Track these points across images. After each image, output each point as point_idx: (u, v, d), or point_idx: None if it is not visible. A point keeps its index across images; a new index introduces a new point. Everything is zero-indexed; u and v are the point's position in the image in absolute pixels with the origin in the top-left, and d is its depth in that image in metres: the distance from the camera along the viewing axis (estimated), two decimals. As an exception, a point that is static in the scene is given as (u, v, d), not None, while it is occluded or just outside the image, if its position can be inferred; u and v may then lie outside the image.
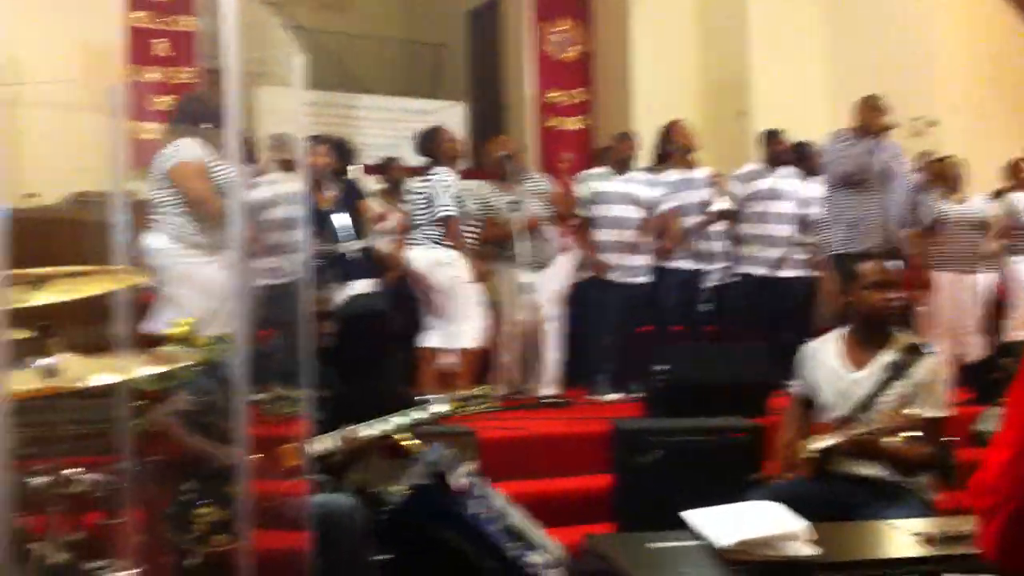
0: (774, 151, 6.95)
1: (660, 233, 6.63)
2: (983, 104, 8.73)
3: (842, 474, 3.61)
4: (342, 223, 5.97)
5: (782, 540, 2.58)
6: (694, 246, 6.74)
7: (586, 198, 6.61)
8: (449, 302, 5.98)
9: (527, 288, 6.16)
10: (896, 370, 3.63)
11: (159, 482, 3.20)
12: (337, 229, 5.94)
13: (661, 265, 6.70)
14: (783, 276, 6.82)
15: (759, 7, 9.42)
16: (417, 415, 3.61)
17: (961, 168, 6.72)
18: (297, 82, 3.10)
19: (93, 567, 2.63)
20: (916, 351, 3.67)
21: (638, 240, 6.55)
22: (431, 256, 6.00)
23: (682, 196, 6.73)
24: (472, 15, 11.49)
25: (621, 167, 6.67)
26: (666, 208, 6.61)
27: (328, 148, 6.09)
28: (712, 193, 6.86)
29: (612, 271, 6.50)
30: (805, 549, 2.56)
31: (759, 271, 6.82)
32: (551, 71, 9.87)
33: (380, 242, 6.61)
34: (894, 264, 3.80)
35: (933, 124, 6.58)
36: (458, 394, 3.79)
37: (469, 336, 5.96)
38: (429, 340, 6.05)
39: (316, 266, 5.60)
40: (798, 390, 3.90)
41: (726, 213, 6.85)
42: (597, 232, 6.55)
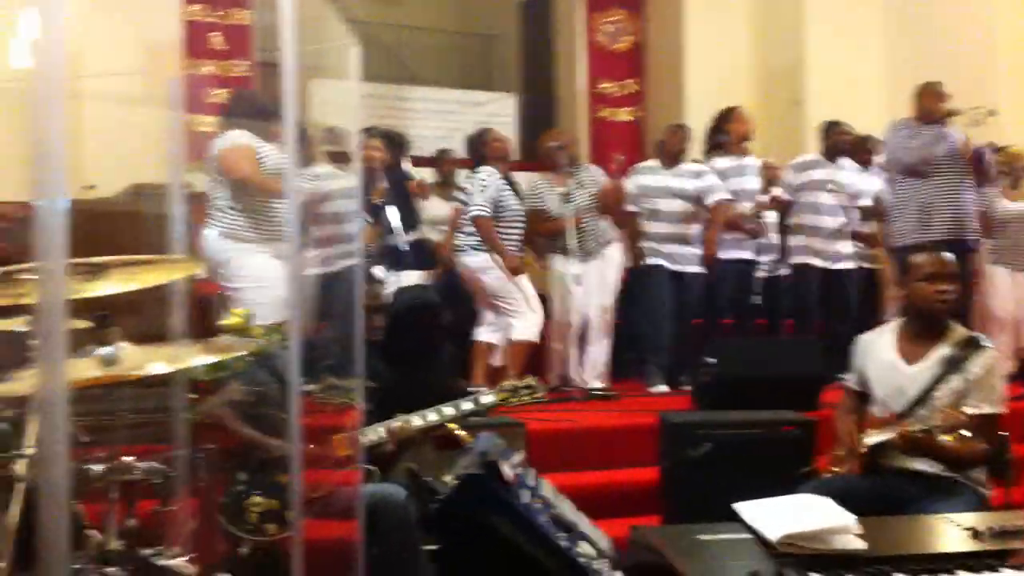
0: (833, 142, 6.86)
1: (710, 225, 6.59)
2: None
3: (895, 469, 3.58)
4: (394, 216, 6.01)
5: (831, 534, 2.56)
6: (750, 229, 6.70)
7: (634, 192, 6.59)
8: (501, 300, 6.01)
9: (577, 280, 6.16)
10: (952, 364, 3.59)
11: (213, 471, 3.25)
12: (389, 222, 5.99)
13: (715, 256, 6.67)
14: (836, 268, 6.75)
15: (815, -6, 9.31)
16: (466, 406, 3.64)
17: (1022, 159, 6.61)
18: (352, 75, 3.12)
19: (148, 553, 2.68)
20: (972, 345, 3.62)
21: (688, 232, 6.52)
22: (481, 257, 6.04)
23: (732, 183, 6.69)
24: (524, 6, 11.48)
25: (672, 160, 6.63)
26: (716, 200, 6.56)
27: (382, 142, 6.13)
28: (764, 182, 6.81)
29: (662, 263, 6.48)
30: (855, 543, 2.55)
31: (812, 262, 6.75)
32: (602, 62, 9.84)
33: (431, 233, 6.66)
34: (950, 256, 3.75)
35: (993, 114, 6.47)
36: (506, 385, 3.80)
37: (522, 330, 5.98)
38: (483, 334, 6.09)
39: (368, 258, 5.67)
40: (851, 384, 3.86)
41: (779, 202, 6.80)
42: (647, 225, 6.53)
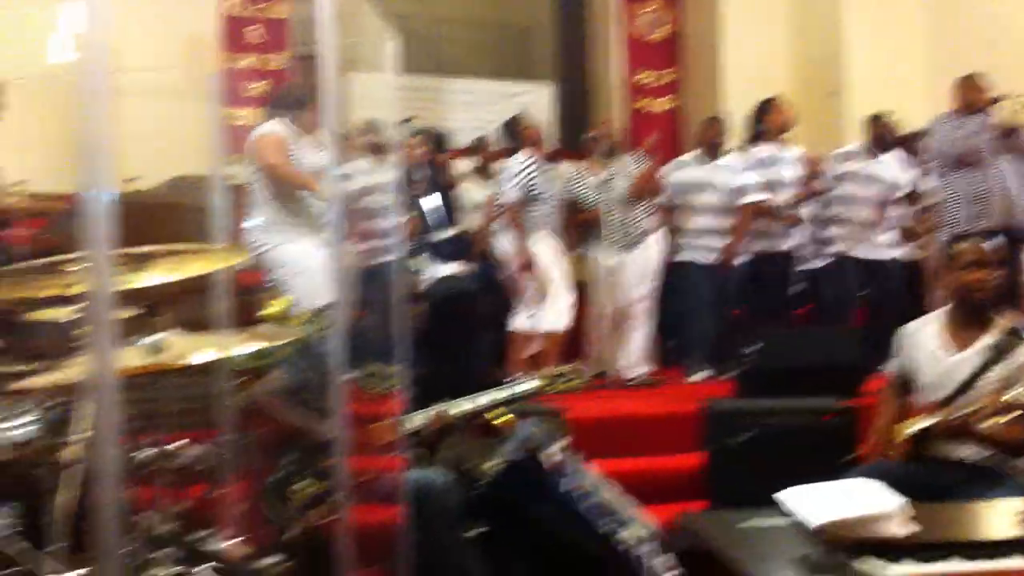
0: (877, 134, 6.80)
1: (737, 226, 6.57)
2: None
3: (939, 457, 3.55)
4: (432, 208, 6.04)
5: (878, 519, 2.55)
6: (786, 218, 6.66)
7: (674, 185, 6.57)
8: (536, 283, 6.01)
9: (616, 269, 6.15)
10: (997, 353, 3.55)
11: (259, 456, 3.28)
12: (427, 214, 6.02)
13: (755, 247, 6.64)
14: (875, 259, 6.70)
15: (853, -18, 9.22)
16: (507, 393, 3.64)
17: None
18: (389, 67, 3.14)
19: (196, 537, 2.71)
20: (1017, 334, 3.59)
21: (728, 225, 6.49)
22: (507, 244, 6.03)
23: (771, 172, 6.65)
24: (559, -4, 11.45)
25: (710, 152, 6.60)
26: (747, 201, 6.52)
27: (422, 138, 6.17)
28: (803, 173, 6.76)
29: (698, 259, 6.46)
30: (901, 528, 2.53)
31: (850, 253, 6.70)
32: (639, 52, 9.79)
33: (470, 221, 6.66)
34: (993, 243, 3.72)
35: (1035, 101, 6.40)
36: (548, 371, 3.81)
37: (554, 319, 5.98)
38: (518, 323, 6.09)
39: (408, 251, 5.69)
40: (896, 372, 3.84)
41: (819, 193, 6.75)
42: (686, 219, 6.51)
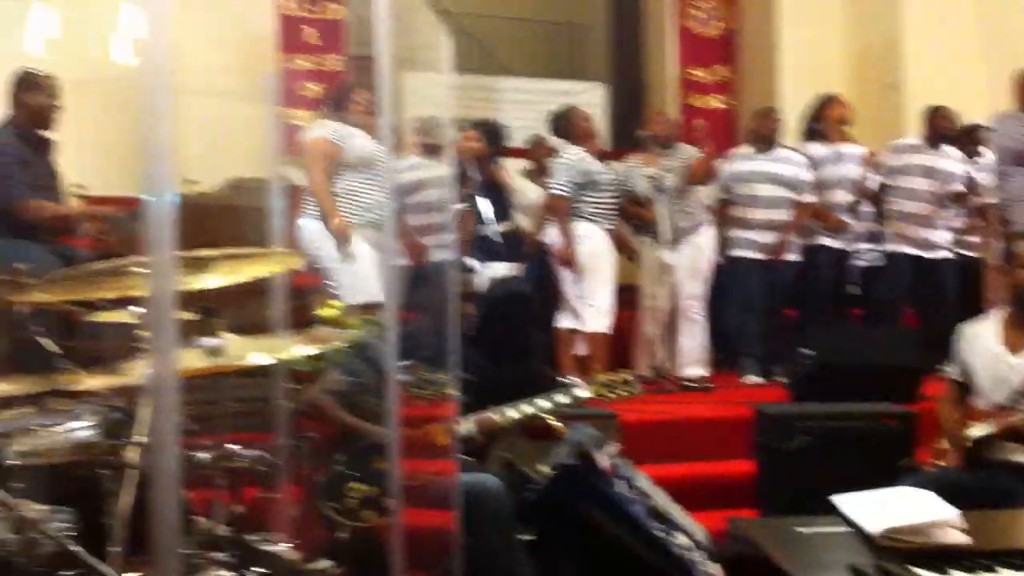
0: (936, 127, 6.69)
1: (807, 218, 6.51)
2: None
3: (999, 462, 3.50)
4: (486, 206, 6.05)
5: (934, 527, 2.52)
6: (833, 223, 6.59)
7: (728, 179, 6.53)
8: (584, 279, 5.99)
9: (668, 268, 6.13)
10: (1058, 355, 3.50)
11: (313, 458, 3.31)
12: (481, 212, 6.03)
13: (809, 245, 6.58)
14: (930, 257, 6.60)
15: (912, -25, 9.08)
16: (561, 399, 3.64)
17: None
18: (444, 66, 3.15)
19: (253, 539, 2.74)
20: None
21: (785, 219, 6.43)
22: (579, 227, 6.02)
23: (827, 172, 6.59)
24: (614, -6, 11.43)
25: (765, 145, 6.55)
26: (810, 199, 6.47)
27: (479, 132, 6.18)
28: (865, 171, 6.68)
29: (751, 255, 6.41)
30: (958, 537, 2.50)
31: (904, 250, 6.61)
32: (693, 49, 9.73)
33: (522, 220, 6.67)
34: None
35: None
36: (601, 379, 3.80)
37: (593, 322, 5.96)
38: (565, 321, 6.08)
39: (461, 249, 5.71)
40: (953, 375, 3.79)
41: (872, 197, 6.67)
42: (742, 212, 6.46)
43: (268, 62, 7.65)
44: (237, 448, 2.85)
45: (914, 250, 6.59)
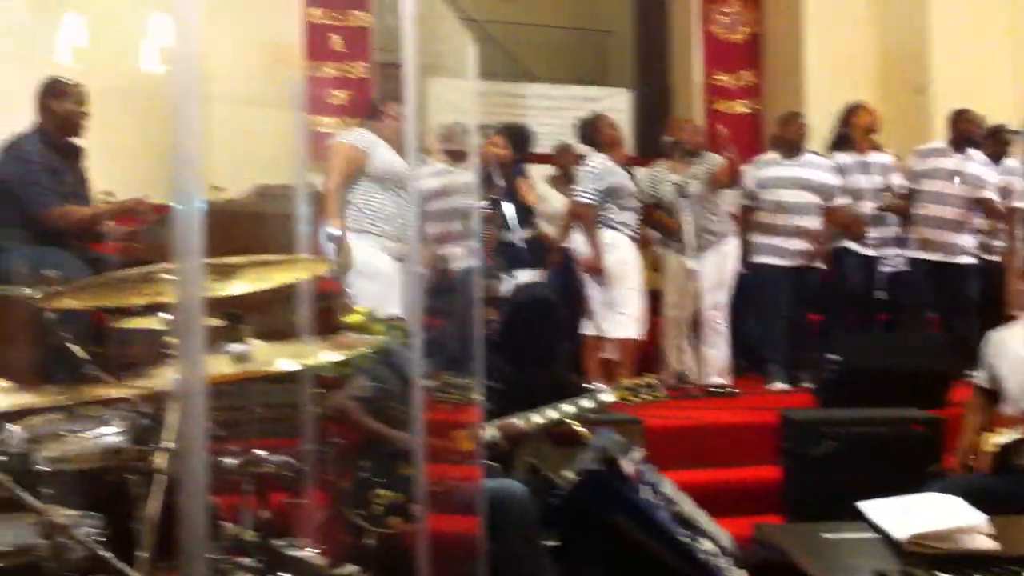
0: (962, 131, 6.64)
1: (834, 224, 6.48)
2: None
3: (1027, 468, 3.47)
4: (510, 212, 6.05)
5: (961, 533, 2.51)
6: (853, 232, 6.57)
7: (755, 182, 6.50)
8: (610, 287, 5.99)
9: (692, 275, 6.11)
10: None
11: (339, 464, 3.33)
12: (505, 218, 6.03)
13: (834, 250, 6.55)
14: (954, 262, 6.54)
15: (938, -23, 9.03)
16: (585, 404, 3.64)
17: None
18: (469, 73, 3.16)
19: (280, 544, 2.76)
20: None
21: (813, 226, 6.41)
22: (605, 234, 6.01)
23: (854, 181, 6.55)
24: (638, 0, 11.41)
25: (791, 151, 6.52)
26: (839, 202, 6.45)
27: (505, 138, 6.19)
28: (892, 178, 6.65)
29: (777, 261, 6.39)
30: (985, 543, 2.49)
31: (925, 256, 6.56)
32: (718, 54, 9.72)
33: (549, 227, 6.67)
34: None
35: None
36: (626, 383, 3.80)
37: (627, 325, 5.95)
38: (591, 328, 6.08)
39: (485, 255, 5.72)
40: (981, 381, 3.76)
41: (897, 210, 6.64)
42: (769, 219, 6.44)
43: (294, 69, 7.69)
44: (264, 454, 2.86)
45: (939, 255, 6.54)
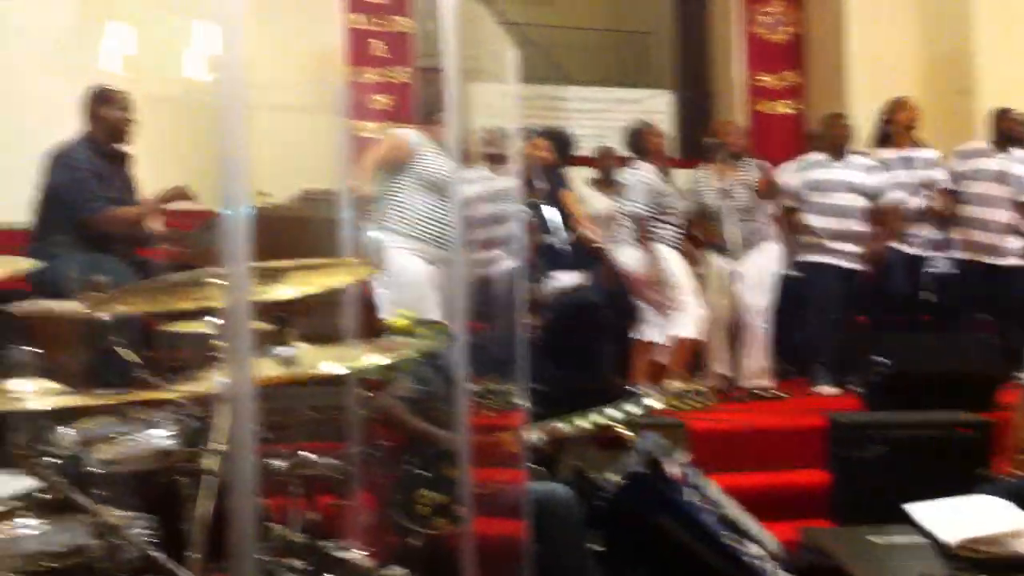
0: (1004, 130, 6.55)
1: (880, 223, 6.42)
2: None
3: (1079, 472, 3.42)
4: (551, 216, 6.05)
5: (1010, 537, 2.47)
6: (916, 229, 6.50)
7: (800, 186, 6.45)
8: (660, 296, 5.97)
9: (735, 277, 6.08)
10: None
11: (385, 466, 3.35)
12: (547, 221, 6.03)
13: (881, 257, 6.49)
14: (1005, 264, 6.44)
15: (983, -24, 8.92)
16: (631, 409, 3.64)
17: None
18: (509, 77, 3.17)
19: (326, 546, 2.78)
20: None
21: (861, 228, 6.35)
22: (635, 255, 6.02)
23: (900, 176, 6.49)
24: (679, 1, 11.38)
25: (837, 152, 6.46)
26: (889, 199, 6.38)
27: (549, 142, 6.19)
28: (935, 173, 6.58)
29: (831, 261, 6.33)
30: (1037, 548, 2.45)
31: (973, 257, 6.48)
32: (761, 54, 9.66)
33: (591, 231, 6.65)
34: None
35: None
36: (673, 389, 3.79)
37: (685, 327, 5.94)
38: (645, 333, 6.06)
39: (528, 259, 5.73)
40: (1029, 383, 3.71)
41: (946, 192, 6.57)
42: (815, 221, 6.38)
43: (337, 75, 7.74)
44: (311, 456, 2.89)
45: (985, 257, 6.46)
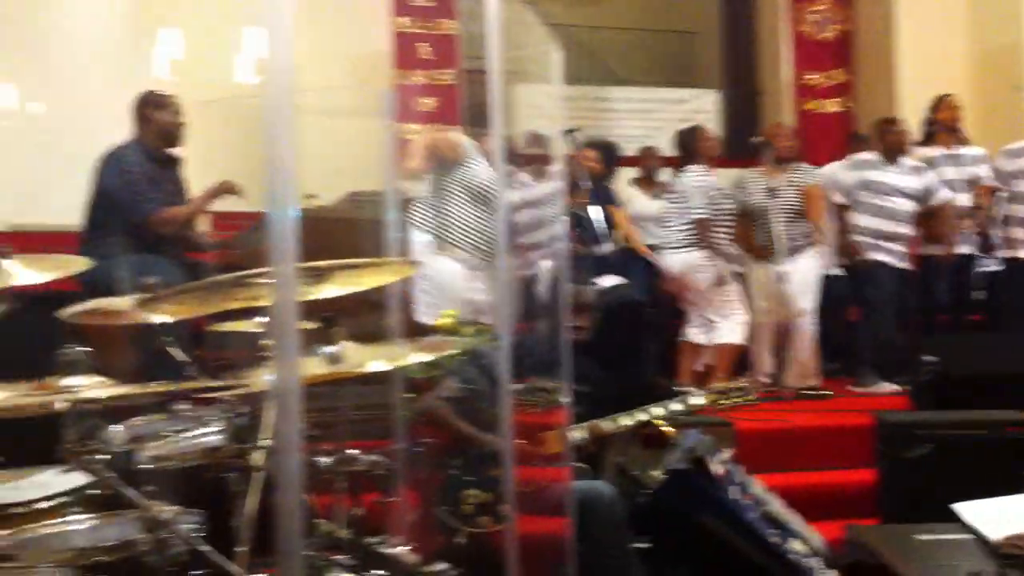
0: None
1: (929, 225, 6.36)
2: None
3: None
4: (596, 217, 6.07)
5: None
6: (969, 227, 6.42)
7: (851, 184, 6.39)
8: (707, 301, 5.97)
9: (782, 278, 6.05)
10: None
11: (430, 464, 3.38)
12: (591, 223, 6.05)
13: (929, 252, 6.42)
14: None
15: (1036, -29, 8.79)
16: (675, 406, 3.64)
17: None
18: (554, 78, 3.18)
19: (373, 542, 2.80)
20: None
21: (908, 232, 6.29)
22: (686, 260, 6.01)
23: (948, 173, 6.42)
24: (725, 0, 11.33)
25: (891, 155, 6.39)
26: (940, 198, 6.32)
27: (599, 152, 6.21)
28: (980, 169, 6.51)
29: (886, 259, 6.28)
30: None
31: (1021, 255, 6.39)
32: (808, 52, 9.59)
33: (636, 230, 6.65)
34: None
35: None
36: (717, 387, 3.78)
37: (729, 332, 5.92)
38: (690, 335, 6.06)
39: (571, 262, 5.74)
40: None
41: (991, 189, 6.49)
42: (863, 219, 6.32)
43: (383, 78, 7.81)
44: (357, 453, 2.92)
45: None
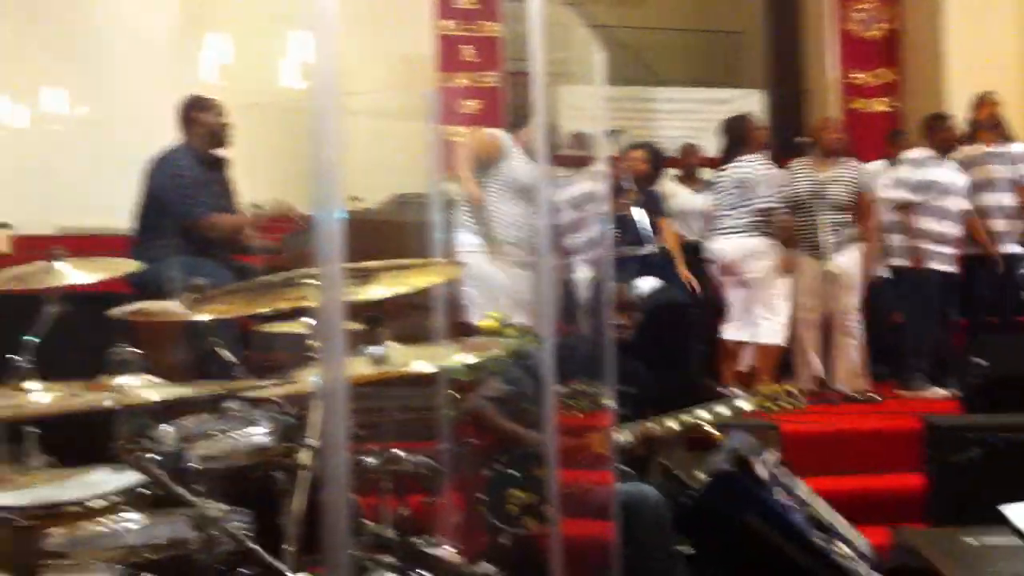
0: None
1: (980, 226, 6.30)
2: None
3: None
4: (640, 218, 6.04)
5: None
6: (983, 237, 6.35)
7: (904, 184, 6.32)
8: (757, 294, 5.91)
9: (826, 278, 5.99)
10: None
11: (475, 465, 3.39)
12: (636, 224, 6.02)
13: (978, 252, 6.34)
14: None
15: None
16: (721, 410, 3.62)
17: None
18: (598, 79, 3.18)
19: (417, 542, 2.82)
20: None
21: (959, 231, 6.22)
22: (744, 245, 5.94)
23: (999, 171, 6.35)
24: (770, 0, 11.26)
25: (943, 152, 6.31)
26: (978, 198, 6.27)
27: (647, 153, 6.20)
28: (1021, 167, 6.42)
29: (935, 266, 6.21)
30: None
31: None
32: (855, 51, 9.51)
33: (679, 225, 6.61)
34: None
35: None
36: (764, 391, 3.76)
37: (772, 332, 5.87)
38: (732, 333, 6.01)
39: (615, 264, 5.73)
40: None
41: None
42: (924, 222, 6.25)
43: (428, 81, 7.84)
44: (402, 453, 2.94)
45: None
